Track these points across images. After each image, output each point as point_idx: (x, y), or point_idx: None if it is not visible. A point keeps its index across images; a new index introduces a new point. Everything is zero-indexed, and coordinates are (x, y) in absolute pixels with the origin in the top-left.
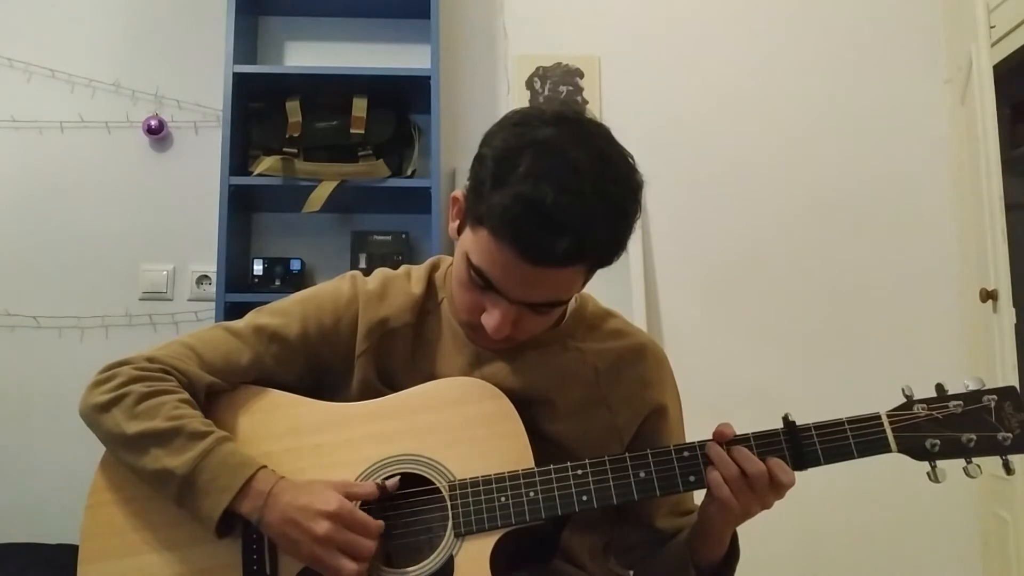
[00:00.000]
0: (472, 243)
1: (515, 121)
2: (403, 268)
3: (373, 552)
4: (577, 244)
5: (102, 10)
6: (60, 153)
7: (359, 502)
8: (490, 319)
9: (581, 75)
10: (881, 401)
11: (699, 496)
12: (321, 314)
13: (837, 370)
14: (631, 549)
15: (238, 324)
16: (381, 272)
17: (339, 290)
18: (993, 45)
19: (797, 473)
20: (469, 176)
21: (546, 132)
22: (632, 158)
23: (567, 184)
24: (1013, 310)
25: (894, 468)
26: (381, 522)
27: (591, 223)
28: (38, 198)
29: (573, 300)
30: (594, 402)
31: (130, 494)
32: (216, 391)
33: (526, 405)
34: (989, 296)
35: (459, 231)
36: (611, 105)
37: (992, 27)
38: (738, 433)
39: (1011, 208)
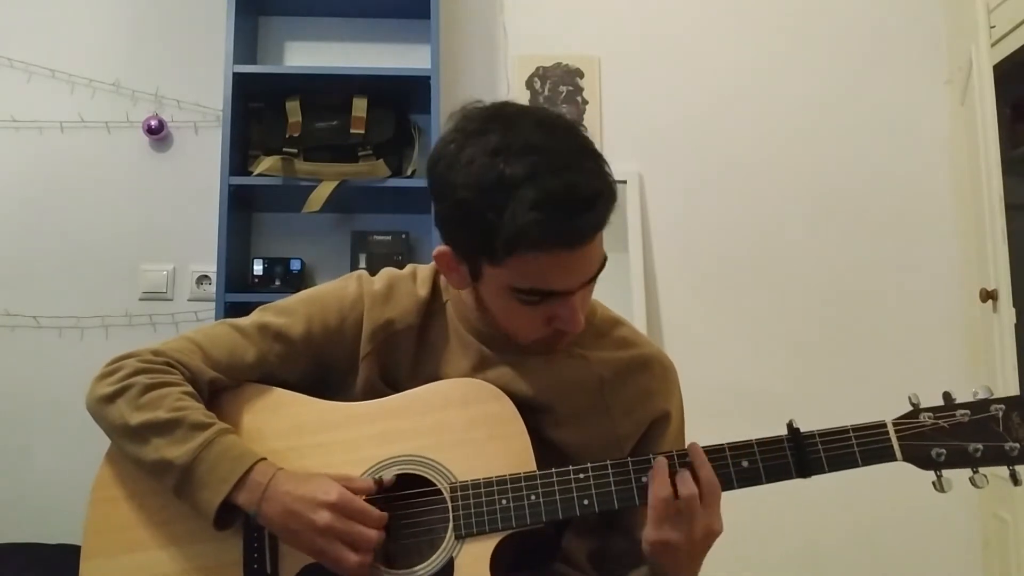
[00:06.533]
0: (508, 274)
1: (464, 160)
2: (409, 268)
3: (376, 543)
4: (604, 200)
5: (102, 10)
6: (60, 153)
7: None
8: (570, 321)
9: (581, 75)
10: (881, 401)
11: None
12: (326, 314)
13: (837, 370)
14: (617, 558)
15: (244, 321)
16: (387, 272)
17: (344, 290)
18: (993, 45)
19: (801, 480)
20: (455, 228)
21: (492, 140)
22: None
23: (552, 163)
24: (1013, 310)
25: (894, 468)
26: (384, 513)
27: (598, 175)
28: (38, 198)
29: None
30: (597, 411)
31: (135, 489)
32: (220, 387)
33: (529, 410)
34: (989, 296)
35: (474, 277)
36: (611, 105)
37: (992, 27)
38: (742, 439)
39: (1011, 208)
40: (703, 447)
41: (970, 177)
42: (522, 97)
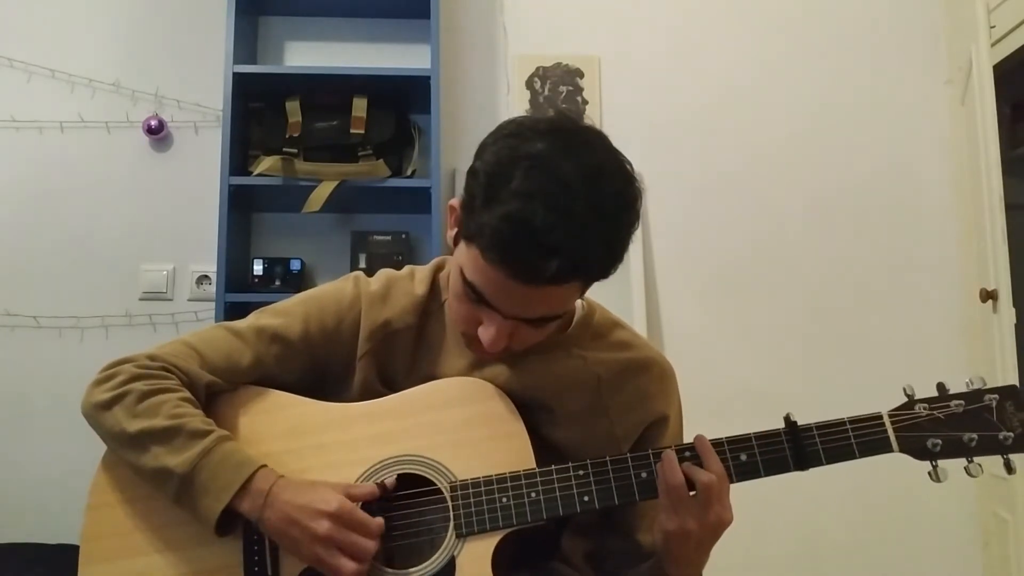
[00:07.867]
0: (466, 258)
1: (509, 132)
2: (407, 268)
3: (374, 552)
4: (569, 264)
5: (102, 10)
6: (60, 153)
7: (360, 503)
8: (486, 333)
9: (581, 75)
10: (882, 401)
11: None
12: (323, 315)
13: (838, 371)
14: (613, 558)
15: (240, 324)
16: (384, 273)
17: (342, 291)
18: (993, 45)
19: (799, 473)
20: (464, 188)
21: (538, 146)
22: (630, 166)
23: (557, 202)
24: (1013, 310)
25: (894, 468)
26: (381, 521)
27: (582, 242)
28: (38, 198)
29: (580, 307)
30: (595, 411)
31: (132, 494)
32: (216, 391)
33: (527, 410)
34: (989, 296)
35: (455, 242)
36: (611, 105)
37: (992, 27)
38: (739, 434)
39: (1011, 208)
40: None
41: (970, 177)
42: (522, 97)
